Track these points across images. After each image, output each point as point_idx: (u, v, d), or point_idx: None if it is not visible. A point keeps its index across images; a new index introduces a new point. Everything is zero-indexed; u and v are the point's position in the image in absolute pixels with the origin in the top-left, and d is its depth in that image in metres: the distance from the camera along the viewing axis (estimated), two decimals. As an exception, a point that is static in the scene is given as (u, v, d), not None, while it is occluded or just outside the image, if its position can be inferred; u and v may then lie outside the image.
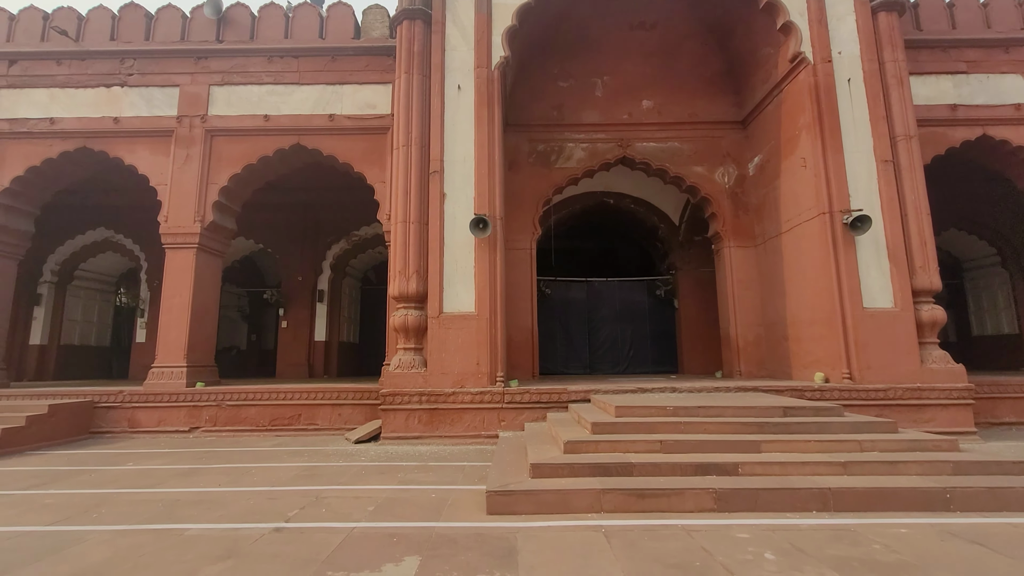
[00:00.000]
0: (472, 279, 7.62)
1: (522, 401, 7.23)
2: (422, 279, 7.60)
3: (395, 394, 7.25)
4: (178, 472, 5.62)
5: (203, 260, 8.97)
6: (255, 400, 8.21)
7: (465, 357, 7.35)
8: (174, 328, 8.57)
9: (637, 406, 5.45)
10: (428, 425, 7.21)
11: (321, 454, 6.54)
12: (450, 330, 7.45)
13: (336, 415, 8.20)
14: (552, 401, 7.20)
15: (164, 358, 8.51)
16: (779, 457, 4.52)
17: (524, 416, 7.22)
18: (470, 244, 7.71)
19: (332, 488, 4.82)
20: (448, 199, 7.85)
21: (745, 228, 9.84)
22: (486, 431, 7.17)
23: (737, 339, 9.57)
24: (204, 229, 8.85)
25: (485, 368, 7.34)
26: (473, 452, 6.54)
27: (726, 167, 10.06)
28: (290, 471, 5.57)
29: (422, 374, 7.36)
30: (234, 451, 6.85)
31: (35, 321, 13.68)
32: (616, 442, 4.77)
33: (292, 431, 8.11)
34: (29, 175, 9.06)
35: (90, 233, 13.92)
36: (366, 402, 8.20)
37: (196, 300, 8.74)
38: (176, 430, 8.14)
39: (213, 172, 8.97)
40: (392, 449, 6.78)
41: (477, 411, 7.22)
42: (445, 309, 7.56)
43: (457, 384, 7.30)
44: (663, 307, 12.96)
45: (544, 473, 4.34)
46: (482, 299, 7.52)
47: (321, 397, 8.23)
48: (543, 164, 10.16)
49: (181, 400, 8.21)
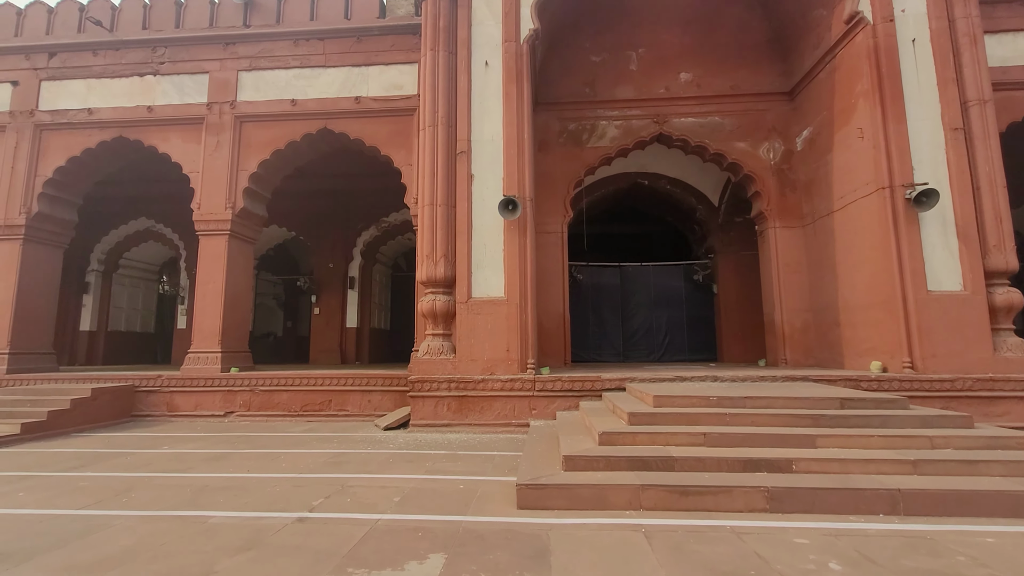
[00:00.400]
0: (501, 263, 7.36)
1: (554, 389, 6.96)
2: (450, 263, 7.39)
3: (424, 381, 7.11)
4: (209, 456, 5.63)
5: (235, 246, 9.02)
6: (287, 386, 8.25)
7: (495, 343, 7.13)
8: (208, 314, 8.68)
9: (677, 396, 5.10)
10: (457, 412, 7.04)
11: (350, 441, 6.47)
12: (479, 316, 7.23)
13: (366, 401, 8.15)
14: (585, 389, 6.91)
15: (199, 344, 8.63)
16: (838, 453, 4.11)
17: (556, 404, 6.96)
18: (499, 227, 7.44)
19: (358, 477, 4.70)
20: (476, 180, 7.58)
21: (792, 207, 9.20)
22: (517, 419, 6.96)
23: (782, 325, 9.01)
24: (235, 216, 8.88)
25: (515, 355, 7.10)
26: (503, 441, 6.34)
27: (771, 142, 9.41)
28: (318, 458, 5.49)
29: (451, 361, 7.19)
30: (265, 436, 6.87)
31: (84, 308, 14.27)
32: (655, 434, 4.45)
33: (323, 417, 8.11)
34: (71, 165, 9.29)
35: (132, 223, 14.36)
36: (395, 388, 8.12)
37: (229, 286, 8.81)
38: (212, 414, 8.26)
39: (243, 158, 8.98)
40: (421, 436, 6.65)
41: (507, 399, 7.01)
42: (474, 294, 7.34)
43: (487, 371, 7.09)
44: (701, 292, 12.41)
45: (578, 466, 4.08)
46: (512, 284, 7.26)
47: (351, 383, 8.19)
48: (574, 144, 9.75)
49: (216, 385, 8.32)
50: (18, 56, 9.52)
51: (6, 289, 8.99)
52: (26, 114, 9.30)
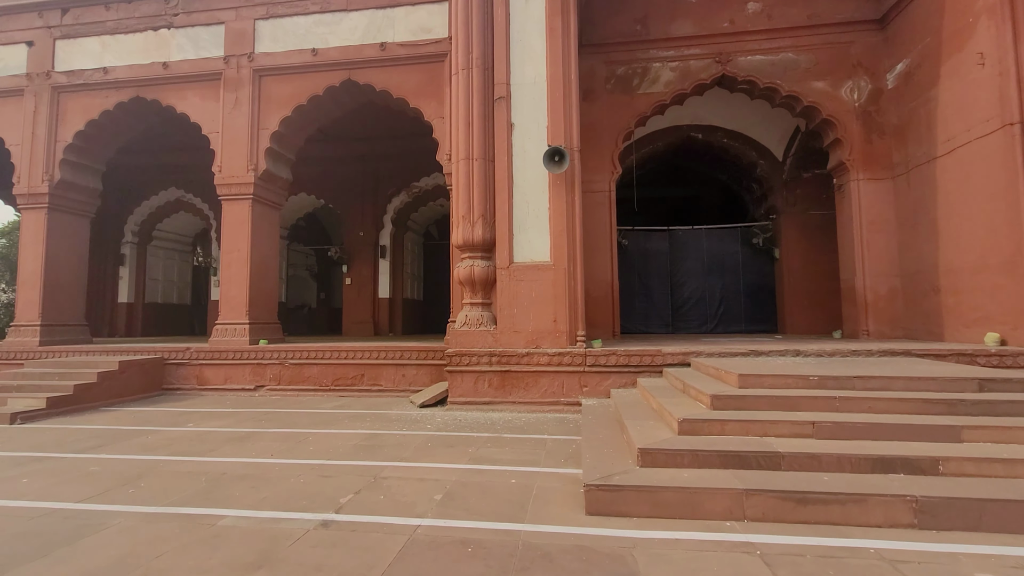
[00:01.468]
0: (546, 223, 6.53)
1: (608, 364, 6.19)
2: (488, 224, 6.61)
3: (462, 354, 6.46)
4: (234, 437, 5.16)
5: (259, 212, 8.48)
6: (317, 359, 7.76)
7: (540, 313, 6.38)
8: (235, 283, 8.23)
9: (767, 375, 4.24)
10: (500, 389, 6.38)
11: (383, 419, 5.92)
12: (522, 282, 6.47)
13: (400, 376, 7.60)
14: (644, 365, 6.11)
15: (227, 315, 8.22)
16: (994, 450, 3.22)
17: (610, 381, 6.20)
18: (543, 182, 6.58)
19: (393, 465, 4.09)
20: (517, 130, 6.70)
21: (879, 156, 7.94)
22: (566, 397, 6.25)
23: (864, 292, 7.90)
24: (258, 179, 8.30)
25: (563, 326, 6.34)
26: (552, 422, 5.65)
27: (856, 80, 8.09)
28: (349, 440, 4.93)
29: (491, 332, 6.49)
30: (295, 412, 6.40)
31: (121, 280, 14.25)
32: (748, 422, 3.64)
33: (355, 392, 7.62)
34: (90, 129, 8.86)
35: (163, 193, 14.12)
36: (431, 362, 7.52)
37: (255, 254, 8.31)
38: (242, 388, 7.89)
39: (263, 116, 8.32)
40: (460, 416, 6.04)
41: (555, 374, 6.29)
42: (516, 259, 6.56)
43: (531, 343, 6.37)
44: (759, 258, 11.28)
45: (657, 461, 3.32)
46: (559, 246, 6.44)
47: (384, 357, 7.63)
48: (623, 90, 8.66)
49: (245, 358, 7.92)
50: (31, 14, 9.04)
51: (35, 259, 8.76)
52: (43, 76, 8.86)
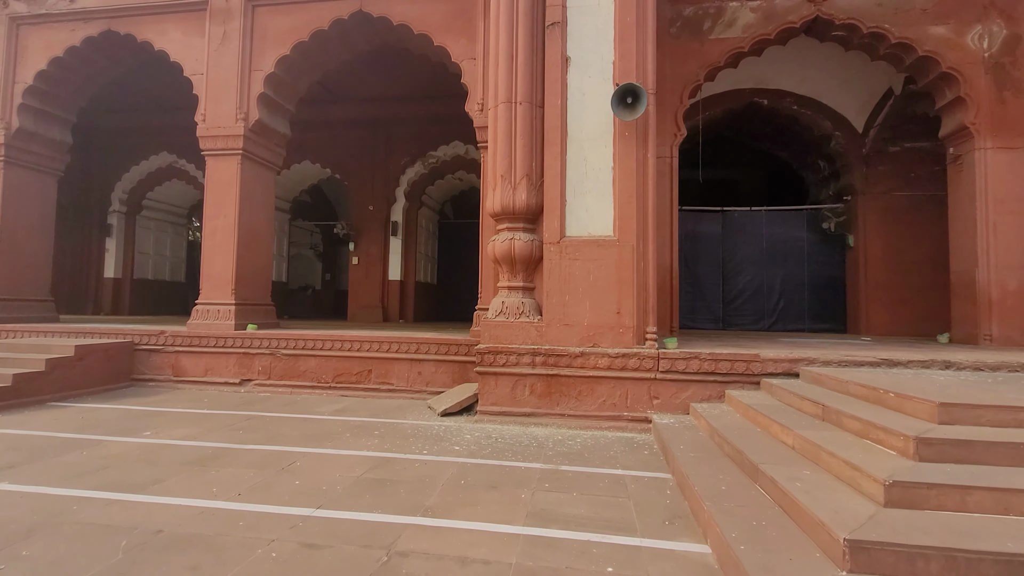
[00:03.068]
0: (610, 187, 5.09)
1: (687, 371, 4.78)
2: (534, 187, 5.18)
3: (497, 351, 5.07)
4: (197, 457, 3.82)
5: (251, 171, 7.09)
6: (316, 350, 6.42)
7: (599, 302, 4.97)
8: (219, 257, 6.87)
9: (979, 405, 2.80)
10: (544, 397, 5.00)
11: (396, 433, 4.56)
12: (577, 262, 5.04)
13: (415, 373, 6.24)
14: (734, 374, 4.69)
15: (209, 293, 6.88)
16: None
17: (689, 393, 4.79)
18: (607, 133, 5.12)
19: (416, 524, 2.73)
20: (573, 66, 5.23)
21: (1015, 119, 6.39)
22: (630, 411, 4.85)
23: (988, 287, 6.39)
24: (249, 130, 6.90)
25: (629, 320, 4.92)
26: (618, 446, 4.27)
27: (987, 25, 6.51)
28: (350, 470, 3.58)
29: (535, 325, 5.09)
30: (284, 419, 5.06)
31: (108, 253, 12.97)
32: (1002, 491, 2.22)
33: (360, 391, 6.27)
34: (54, 69, 7.46)
35: (154, 158, 12.75)
36: (452, 358, 6.15)
37: (243, 221, 6.94)
38: (225, 382, 6.57)
39: (256, 55, 6.89)
40: (495, 431, 4.67)
41: (617, 382, 4.89)
42: (569, 231, 5.14)
43: (587, 341, 4.97)
44: (828, 245, 9.79)
45: (881, 566, 1.92)
46: (625, 216, 5.00)
47: (397, 349, 6.27)
48: (692, 35, 7.12)
49: (229, 345, 6.59)
50: (-13, -69, 7.62)
51: (-12, 222, 7.46)
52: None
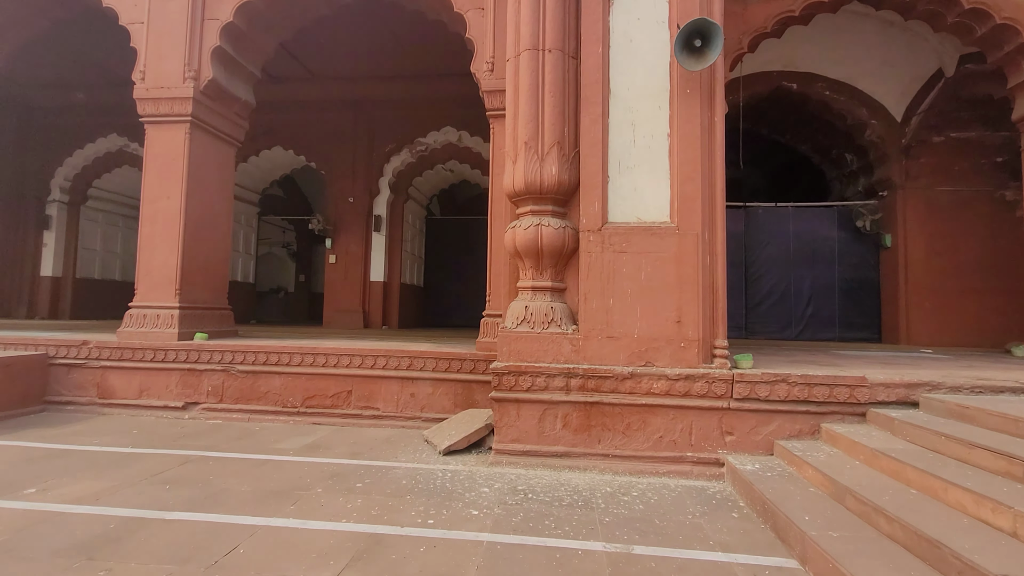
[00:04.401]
0: (665, 159, 3.96)
1: (770, 398, 3.66)
2: (567, 159, 4.02)
3: (519, 372, 3.88)
4: (85, 540, 2.53)
5: (203, 144, 5.76)
6: (282, 365, 5.12)
7: (654, 308, 3.82)
8: (160, 248, 5.51)
9: None
10: (582, 432, 3.82)
11: (387, 483, 3.33)
12: (624, 256, 3.90)
13: (407, 395, 5.00)
14: (833, 402, 3.59)
15: (146, 294, 5.50)
16: None
17: (773, 427, 3.67)
18: (662, 91, 4.00)
19: None
20: (618, 5, 4.10)
21: (1109, 97, 5.52)
22: (695, 450, 3.71)
23: (1080, 293, 5.52)
24: (201, 93, 5.58)
25: (693, 331, 3.78)
26: (689, 499, 3.13)
27: (1074, -11, 5.63)
28: (321, 564, 2.35)
29: (569, 337, 3.91)
30: (234, 462, 3.78)
31: (46, 248, 11.32)
32: None
33: (337, 417, 5.00)
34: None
35: (101, 141, 11.18)
36: (454, 376, 4.94)
37: (193, 205, 5.60)
38: (165, 405, 5.21)
39: (211, 0, 5.59)
40: (519, 479, 3.48)
41: (678, 412, 3.74)
42: (613, 217, 3.98)
43: (638, 358, 3.82)
44: (861, 245, 8.91)
45: None
46: (688, 197, 3.88)
47: (384, 365, 5.02)
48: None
49: (171, 360, 5.23)
50: None
51: None
52: None
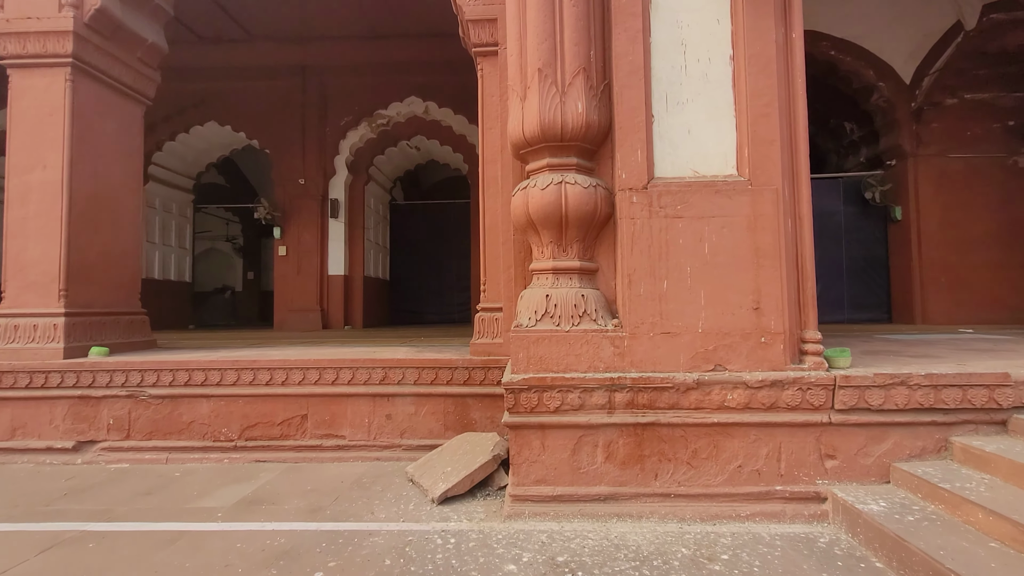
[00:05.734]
0: (728, 90, 2.94)
1: (885, 407, 2.72)
2: (594, 93, 2.94)
3: (543, 386, 2.80)
4: None
5: (94, 97, 4.35)
6: (213, 385, 3.86)
7: (723, 291, 2.82)
8: (34, 236, 4.09)
9: None
10: (631, 465, 2.79)
11: (362, 563, 2.20)
12: (680, 222, 2.87)
13: (382, 417, 3.84)
14: (967, 408, 2.68)
15: (16, 297, 4.08)
16: None
17: (888, 445, 2.74)
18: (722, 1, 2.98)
19: None
20: None
21: None
22: (786, 482, 2.75)
23: None
24: (86, 26, 4.17)
25: (776, 320, 2.81)
26: (798, 557, 2.16)
27: None
28: None
29: (610, 336, 2.86)
30: (132, 539, 2.53)
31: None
32: None
33: (289, 451, 3.79)
34: None
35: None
36: (441, 391, 3.82)
37: (81, 178, 4.20)
38: (49, 448, 3.85)
39: (96, -98, 4.18)
40: (554, 538, 2.42)
41: (761, 430, 2.76)
42: (660, 170, 2.95)
43: (704, 360, 2.81)
44: (869, 219, 8.33)
45: None
46: (761, 141, 2.88)
47: (351, 379, 3.83)
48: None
49: (54, 385, 3.87)
50: None
51: None
52: None
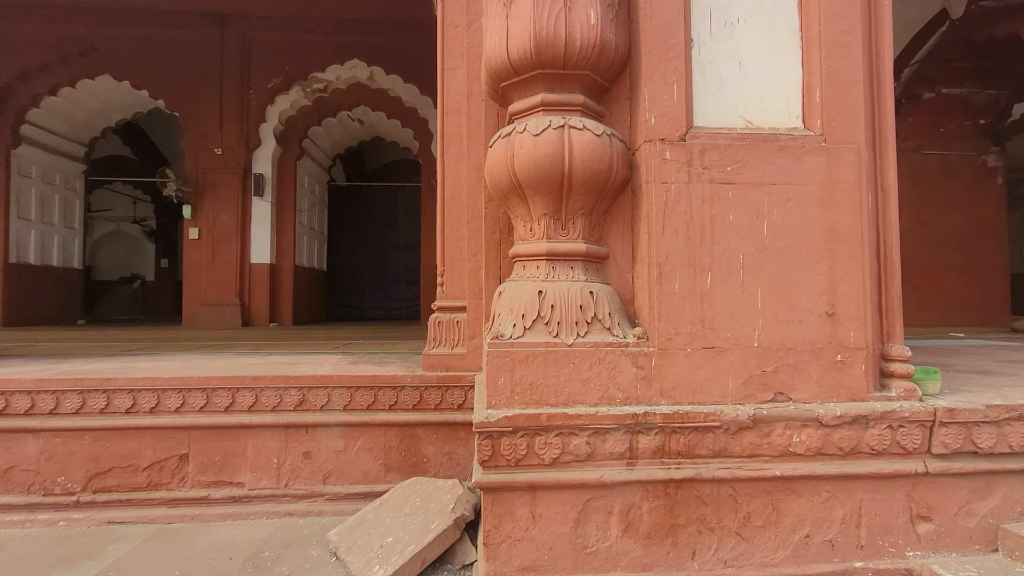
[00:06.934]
0: (793, 8, 2.14)
1: (995, 449, 2.01)
2: (611, 4, 2.05)
3: (535, 427, 1.89)
4: None
5: None
6: (43, 415, 2.67)
7: (785, 287, 2.01)
8: None
9: None
10: (660, 540, 1.94)
11: None
12: (730, 190, 2.03)
13: (297, 456, 2.80)
14: (1091, 447, 2.06)
15: None
16: None
17: (994, 501, 2.03)
18: None
19: None
20: None
21: None
22: (867, 556, 1.98)
23: None
24: None
25: (857, 331, 2.02)
26: None
27: None
28: None
29: (631, 351, 1.98)
30: None
31: None
32: None
33: (159, 507, 2.68)
34: None
35: None
36: (381, 419, 2.82)
37: None
38: None
39: None
40: None
41: (836, 486, 1.98)
42: (702, 119, 2.09)
43: (759, 385, 1.99)
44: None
45: None
46: (840, 83, 2.08)
47: (251, 405, 2.76)
48: None
49: None
50: None
51: None
52: None
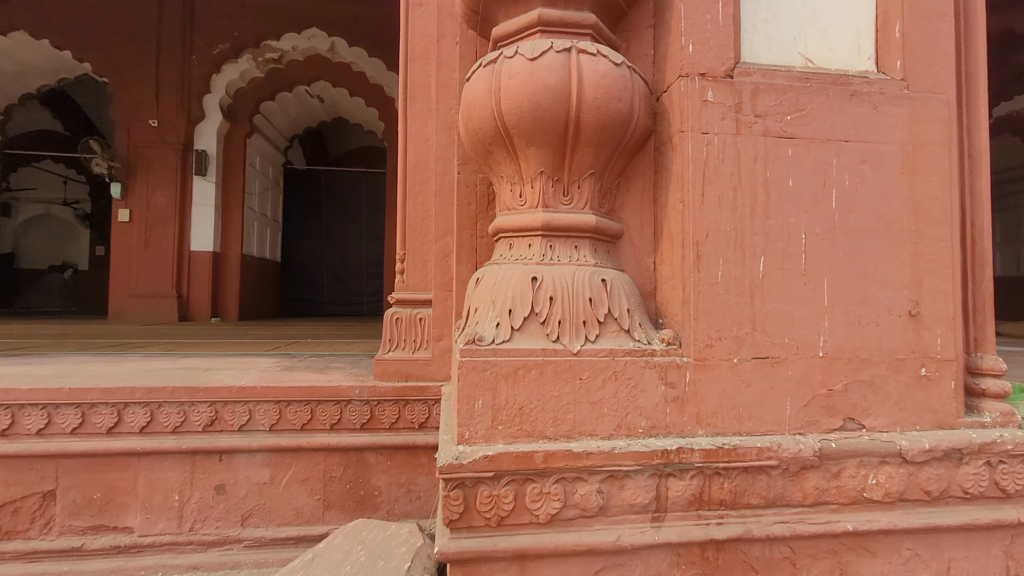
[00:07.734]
0: (870, -85, 1.64)
1: (1113, 495, 1.59)
2: None
3: (529, 470, 1.32)
4: None
5: None
6: None
7: (855, 281, 1.50)
8: None
9: None
10: (692, 629, 1.41)
11: None
12: (790, 145, 1.51)
13: (207, 491, 2.14)
14: None
15: None
16: None
17: (1109, 559, 1.62)
18: None
19: None
20: None
21: None
22: (958, 640, 1.52)
23: None
24: None
25: (946, 339, 1.53)
26: None
27: None
28: None
29: (657, 363, 1.43)
30: None
31: None
32: None
33: (14, 563, 1.99)
34: None
35: None
36: (320, 441, 2.19)
37: None
38: None
39: None
40: None
41: (919, 541, 1.49)
42: (751, 54, 1.56)
43: (824, 408, 1.48)
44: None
45: None
46: (925, 13, 1.58)
47: (145, 425, 2.08)
48: None
49: None
50: None
51: None
52: None
